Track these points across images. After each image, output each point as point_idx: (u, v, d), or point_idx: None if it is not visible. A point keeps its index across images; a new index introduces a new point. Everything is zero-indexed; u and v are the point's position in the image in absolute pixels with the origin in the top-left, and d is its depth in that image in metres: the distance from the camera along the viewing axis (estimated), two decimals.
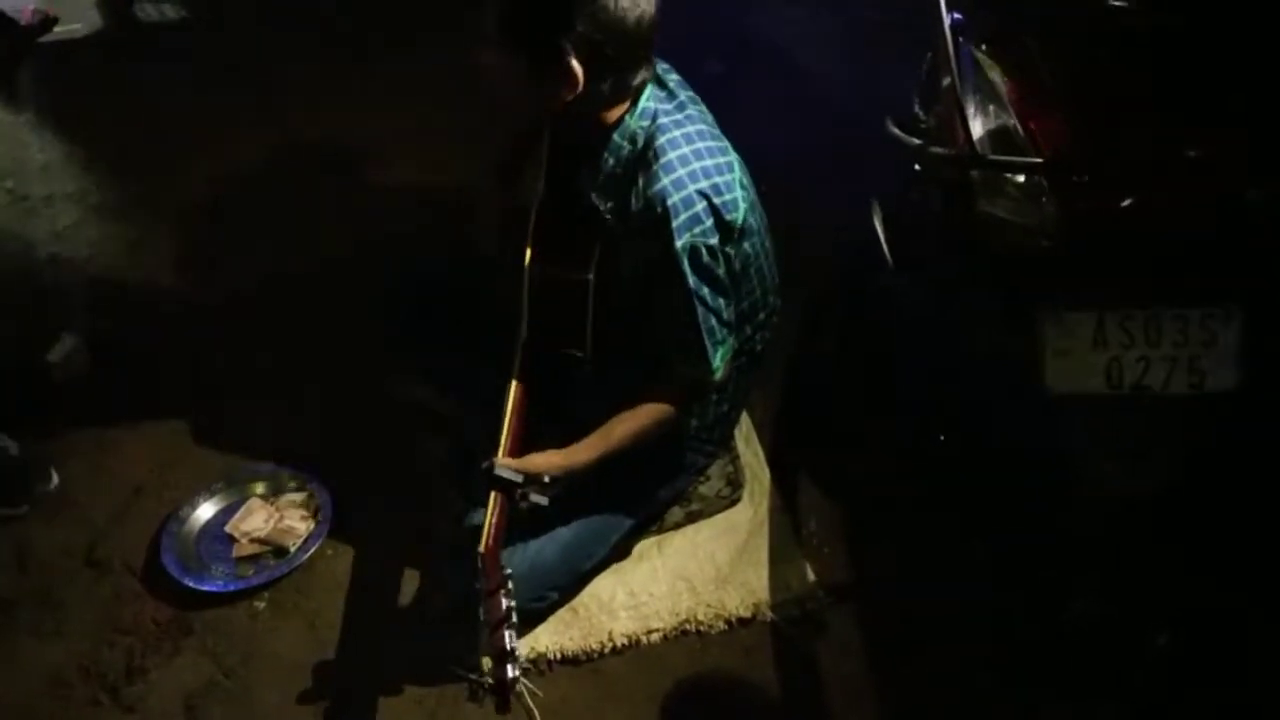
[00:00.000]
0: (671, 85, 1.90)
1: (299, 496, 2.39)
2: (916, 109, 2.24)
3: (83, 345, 2.77)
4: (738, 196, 1.83)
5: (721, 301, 1.86)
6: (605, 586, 2.20)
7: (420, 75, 3.76)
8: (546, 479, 1.84)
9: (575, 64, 1.69)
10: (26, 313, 2.93)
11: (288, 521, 2.33)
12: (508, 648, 1.63)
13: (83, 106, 3.83)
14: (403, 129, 3.54)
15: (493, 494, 1.80)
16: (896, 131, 2.14)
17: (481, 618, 1.66)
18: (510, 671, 1.62)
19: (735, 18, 3.87)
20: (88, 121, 3.73)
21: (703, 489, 2.31)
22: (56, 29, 4.23)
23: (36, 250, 3.18)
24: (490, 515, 1.77)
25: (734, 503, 2.35)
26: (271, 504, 2.38)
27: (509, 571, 1.70)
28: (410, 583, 2.25)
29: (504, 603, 1.65)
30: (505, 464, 1.82)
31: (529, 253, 2.03)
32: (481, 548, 1.71)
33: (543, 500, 1.83)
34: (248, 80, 3.87)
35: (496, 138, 2.16)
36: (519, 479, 1.81)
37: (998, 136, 1.93)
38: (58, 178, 3.47)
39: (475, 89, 1.88)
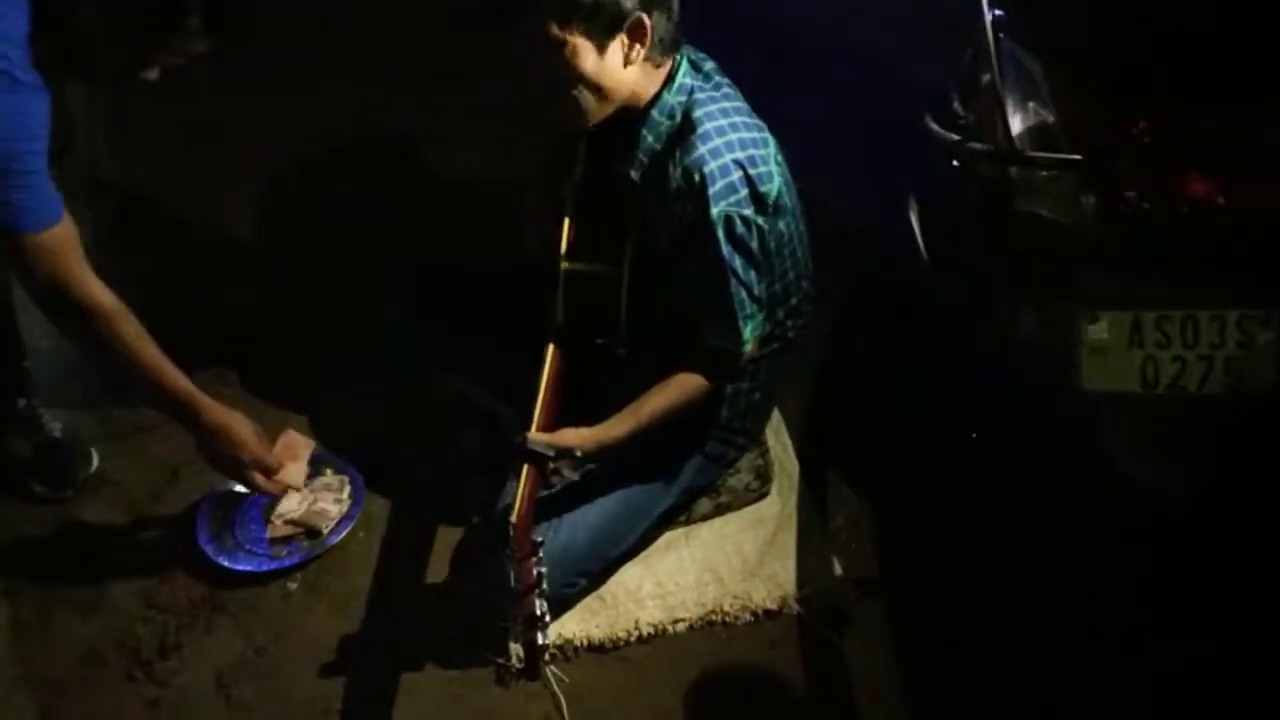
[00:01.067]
0: (707, 70, 1.95)
1: (333, 480, 2.41)
2: (955, 105, 2.23)
3: None
4: (773, 170, 1.88)
5: (754, 275, 1.88)
6: (633, 575, 2.21)
7: (459, 67, 3.76)
8: (578, 453, 1.87)
9: (641, 15, 1.77)
10: None
11: (321, 504, 2.35)
12: (537, 613, 1.64)
13: (118, 93, 3.86)
14: (445, 122, 3.54)
15: (525, 466, 1.83)
16: (935, 127, 2.14)
17: (512, 584, 1.68)
18: (540, 638, 1.64)
19: (772, 14, 3.85)
20: (123, 109, 3.75)
21: (731, 481, 2.31)
22: None
23: (80, 234, 3.22)
24: (522, 486, 1.80)
25: (762, 496, 2.35)
26: (305, 486, 2.40)
27: (540, 540, 1.71)
28: (440, 566, 2.28)
29: (535, 570, 1.67)
30: (537, 438, 1.85)
31: (564, 246, 2.06)
32: (513, 517, 1.74)
33: (574, 475, 1.86)
34: (278, 76, 3.87)
35: (542, 135, 2.18)
36: (550, 453, 1.85)
37: (1037, 133, 1.92)
38: (99, 159, 3.50)
39: (514, 82, 1.90)
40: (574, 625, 2.13)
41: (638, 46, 1.81)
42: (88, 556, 2.32)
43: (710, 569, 2.22)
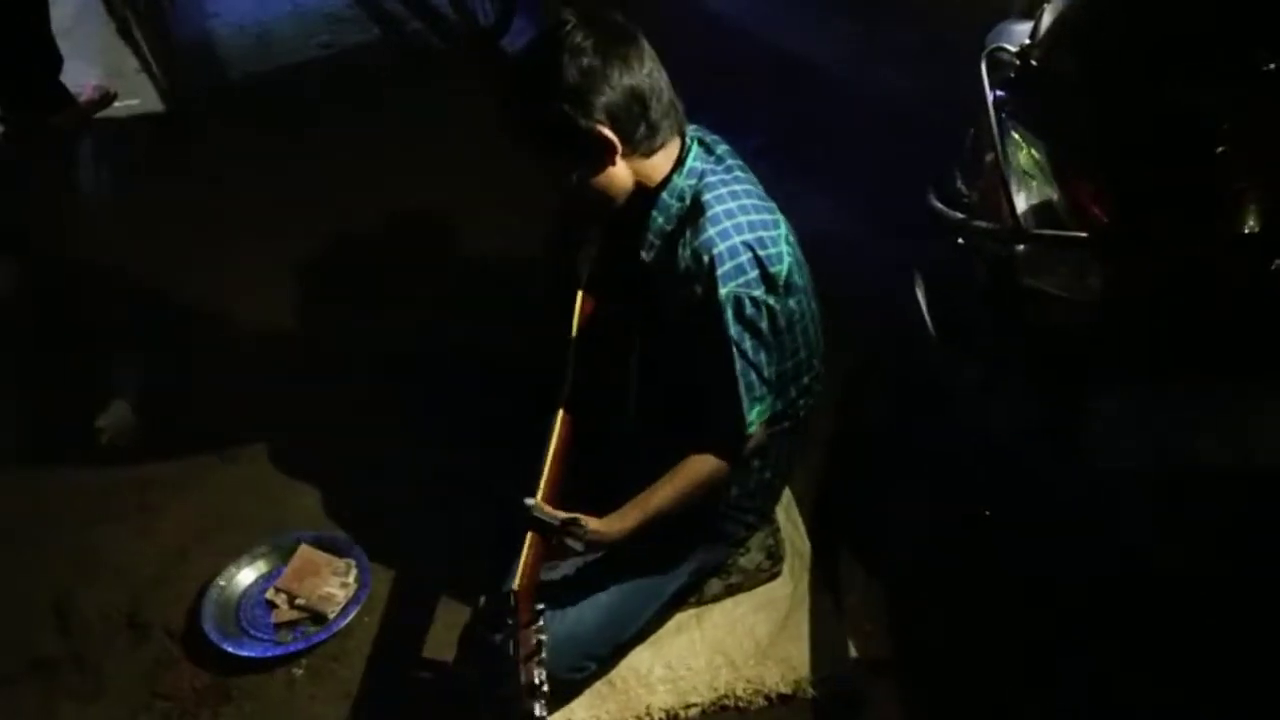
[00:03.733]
0: (720, 152, 1.96)
1: (339, 563, 2.40)
2: (959, 183, 2.25)
3: (131, 411, 2.82)
4: (783, 250, 1.87)
5: (763, 356, 1.87)
6: (643, 659, 2.17)
7: (473, 144, 3.80)
8: (583, 535, 1.85)
9: (606, 131, 1.78)
10: (78, 378, 2.99)
11: (327, 588, 2.33)
12: (536, 682, 1.61)
13: (141, 180, 3.93)
14: (456, 198, 3.58)
15: (529, 534, 1.81)
16: (939, 206, 2.15)
17: (511, 653, 1.65)
18: (537, 709, 1.60)
19: (780, 93, 3.92)
20: (145, 196, 3.82)
21: (742, 561, 2.28)
22: (116, 104, 4.34)
23: (89, 315, 3.25)
24: (525, 553, 1.78)
25: (774, 576, 2.32)
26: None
27: (542, 607, 1.69)
28: (446, 648, 2.24)
29: (535, 638, 1.64)
30: (543, 507, 1.83)
31: (576, 320, 2.07)
32: (515, 585, 1.72)
33: (578, 547, 1.84)
34: (297, 155, 3.93)
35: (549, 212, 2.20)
36: (555, 522, 1.82)
37: (1041, 211, 1.93)
38: (113, 248, 3.55)
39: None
40: (583, 711, 2.09)
41: (612, 155, 1.81)
42: (90, 640, 2.30)
43: (722, 652, 2.19)
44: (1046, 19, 2.05)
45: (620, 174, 1.85)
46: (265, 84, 4.53)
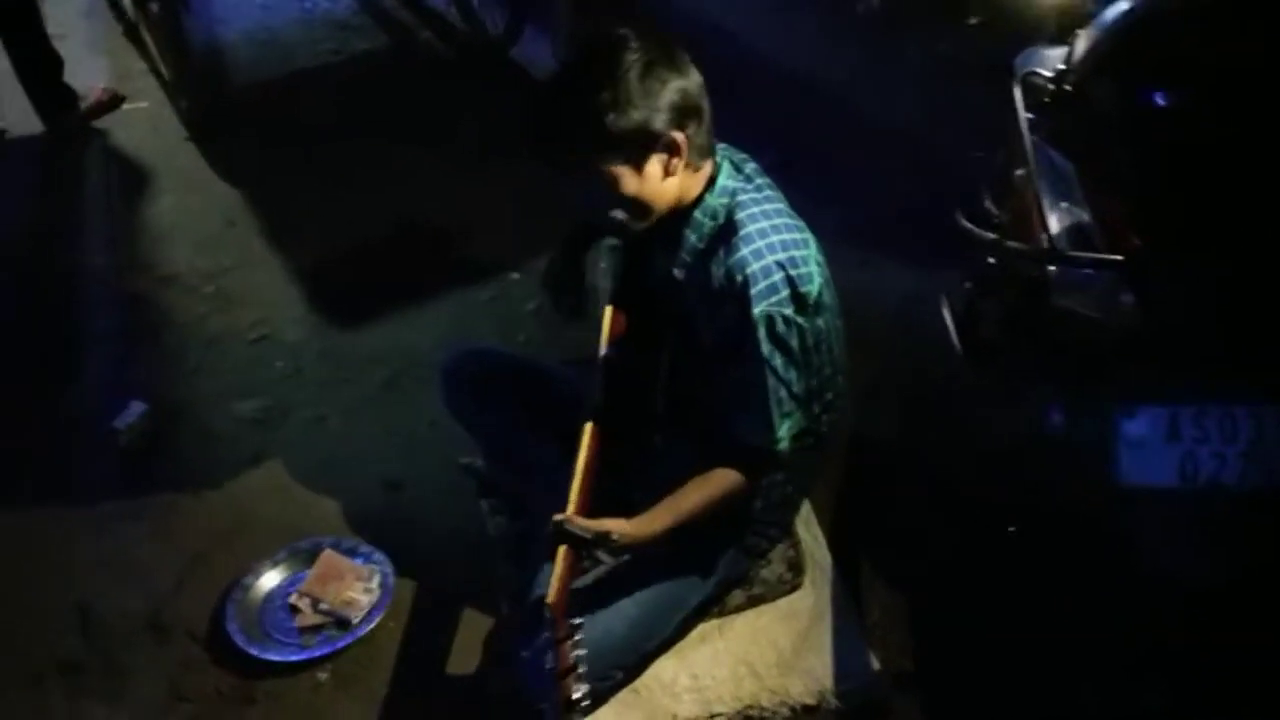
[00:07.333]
0: (748, 171, 1.98)
1: (362, 568, 2.40)
2: (987, 204, 2.28)
3: (150, 412, 2.81)
4: (813, 270, 1.90)
5: (793, 374, 1.90)
6: (667, 668, 2.18)
7: (483, 153, 3.82)
8: (615, 538, 1.85)
9: (677, 134, 1.81)
10: (96, 379, 2.98)
11: (350, 593, 2.34)
12: (575, 697, 1.63)
13: (146, 181, 3.92)
14: (467, 207, 3.59)
15: (561, 548, 1.81)
16: (970, 226, 2.18)
17: (548, 667, 1.66)
18: None
19: (794, 108, 3.95)
20: (153, 196, 3.81)
21: (764, 573, 2.30)
22: (125, 106, 4.33)
23: (106, 318, 3.25)
24: (558, 568, 1.78)
25: (795, 587, 2.33)
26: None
27: (578, 622, 1.70)
28: (470, 656, 2.25)
29: (572, 653, 1.65)
30: (575, 520, 1.84)
31: (606, 334, 2.08)
32: (550, 599, 1.72)
33: (610, 560, 1.86)
34: (306, 163, 3.94)
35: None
36: (588, 535, 1.83)
37: (1074, 232, 1.96)
38: (124, 248, 3.54)
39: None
40: (610, 719, 2.10)
41: (675, 160, 1.84)
42: (113, 643, 2.30)
43: (745, 662, 2.20)
44: (1081, 45, 2.08)
45: (670, 185, 1.86)
46: (273, 90, 4.51)
